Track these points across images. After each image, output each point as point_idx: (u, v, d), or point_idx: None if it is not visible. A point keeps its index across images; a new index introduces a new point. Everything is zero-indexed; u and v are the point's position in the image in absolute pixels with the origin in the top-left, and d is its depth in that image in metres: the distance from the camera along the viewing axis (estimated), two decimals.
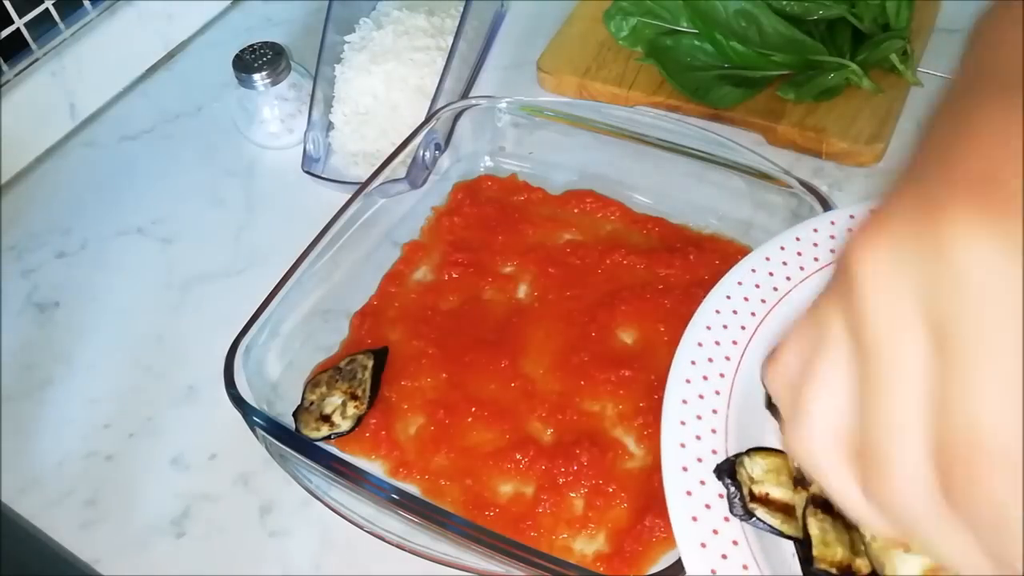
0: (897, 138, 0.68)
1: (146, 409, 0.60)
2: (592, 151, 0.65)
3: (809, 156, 0.68)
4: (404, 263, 0.63)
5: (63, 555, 0.53)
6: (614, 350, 0.56)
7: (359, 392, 0.55)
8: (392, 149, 0.63)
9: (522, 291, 0.60)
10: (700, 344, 0.48)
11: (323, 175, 0.70)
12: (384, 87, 0.71)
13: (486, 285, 0.61)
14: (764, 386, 0.47)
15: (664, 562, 0.47)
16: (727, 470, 0.44)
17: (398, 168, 0.63)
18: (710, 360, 0.48)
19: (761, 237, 0.60)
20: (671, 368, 0.47)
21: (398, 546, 0.50)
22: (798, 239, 0.53)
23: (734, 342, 0.49)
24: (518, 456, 0.52)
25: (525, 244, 0.62)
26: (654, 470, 0.51)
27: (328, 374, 0.56)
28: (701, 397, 0.46)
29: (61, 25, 0.76)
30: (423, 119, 0.66)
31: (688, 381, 0.47)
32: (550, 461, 0.51)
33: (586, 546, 0.49)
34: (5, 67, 0.73)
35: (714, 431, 0.45)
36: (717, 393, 0.47)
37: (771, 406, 0.46)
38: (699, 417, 0.46)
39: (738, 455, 0.44)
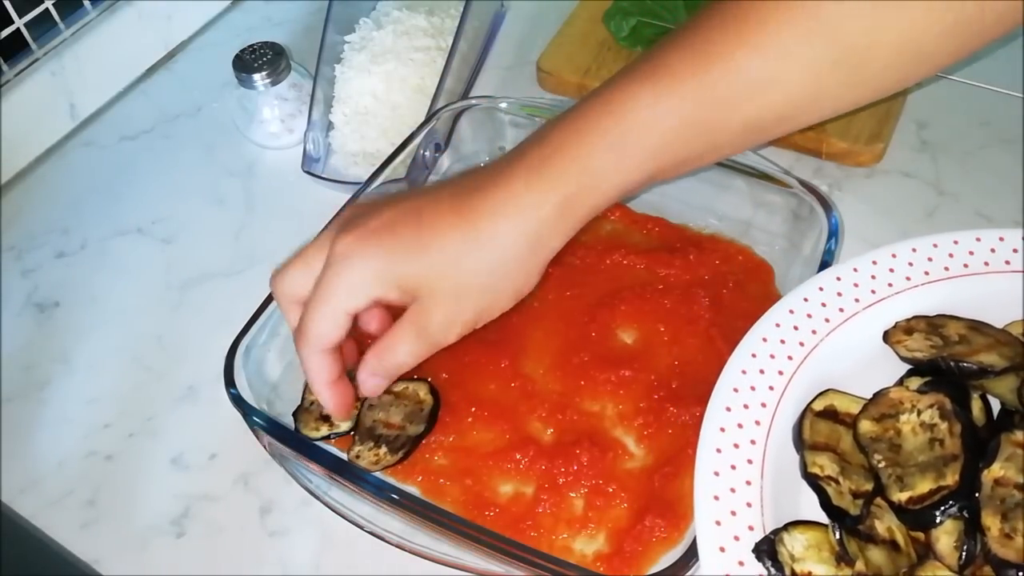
0: (897, 138, 0.68)
1: (146, 409, 0.60)
2: None
3: (809, 156, 0.68)
4: None
5: (63, 555, 0.53)
6: (614, 350, 0.56)
7: (360, 393, 0.55)
8: (392, 149, 0.63)
9: None
10: (728, 409, 0.46)
11: (323, 175, 0.70)
12: (384, 87, 0.71)
13: None
14: (796, 451, 0.46)
15: (664, 562, 0.47)
16: (767, 550, 0.42)
17: (398, 168, 0.63)
18: (739, 426, 0.46)
19: (761, 237, 0.61)
20: (700, 438, 0.45)
21: (398, 546, 0.50)
22: (821, 289, 0.51)
23: (763, 404, 0.47)
24: (518, 456, 0.52)
25: None
26: (654, 470, 0.51)
27: None
28: (733, 468, 0.44)
29: (61, 25, 0.76)
30: (423, 119, 0.66)
31: (719, 451, 0.45)
32: (550, 461, 0.51)
33: (586, 546, 0.49)
34: (5, 67, 0.73)
35: (749, 504, 0.43)
36: (749, 462, 0.45)
37: (807, 475, 0.45)
38: (733, 490, 0.44)
39: (776, 531, 0.42)
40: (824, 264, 0.53)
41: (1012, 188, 0.64)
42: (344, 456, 0.52)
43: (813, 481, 0.44)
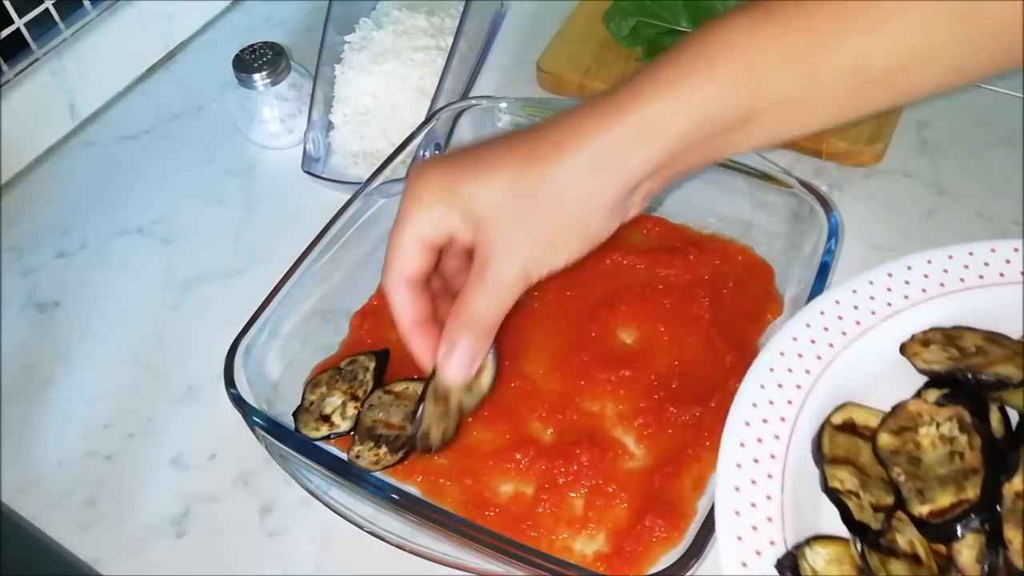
0: (897, 138, 0.68)
1: (146, 409, 0.60)
2: None
3: (809, 156, 0.68)
4: None
5: (63, 555, 0.53)
6: (614, 350, 0.56)
7: (359, 393, 0.55)
8: (392, 149, 0.63)
9: None
10: (748, 423, 0.46)
11: (323, 175, 0.70)
12: (384, 87, 0.71)
13: None
14: (816, 465, 0.46)
15: (664, 562, 0.47)
16: (789, 565, 0.41)
17: (398, 168, 0.63)
18: (759, 440, 0.45)
19: (761, 237, 0.61)
20: (720, 453, 0.45)
21: (398, 546, 0.50)
22: (837, 302, 0.50)
23: (782, 418, 0.46)
24: (518, 456, 0.52)
25: None
26: (654, 470, 0.51)
27: (328, 374, 0.56)
28: (754, 482, 0.44)
29: (61, 25, 0.76)
30: (423, 119, 0.66)
31: (739, 465, 0.44)
32: (550, 461, 0.51)
33: (586, 546, 0.49)
34: (5, 67, 0.73)
35: (770, 519, 0.43)
36: (770, 477, 0.44)
37: (828, 489, 0.44)
38: (754, 505, 0.43)
39: (798, 546, 0.42)
40: (824, 264, 0.53)
41: (1012, 188, 0.64)
42: (344, 456, 0.52)
43: (834, 495, 0.44)
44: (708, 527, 0.44)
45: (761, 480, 0.44)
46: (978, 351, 0.48)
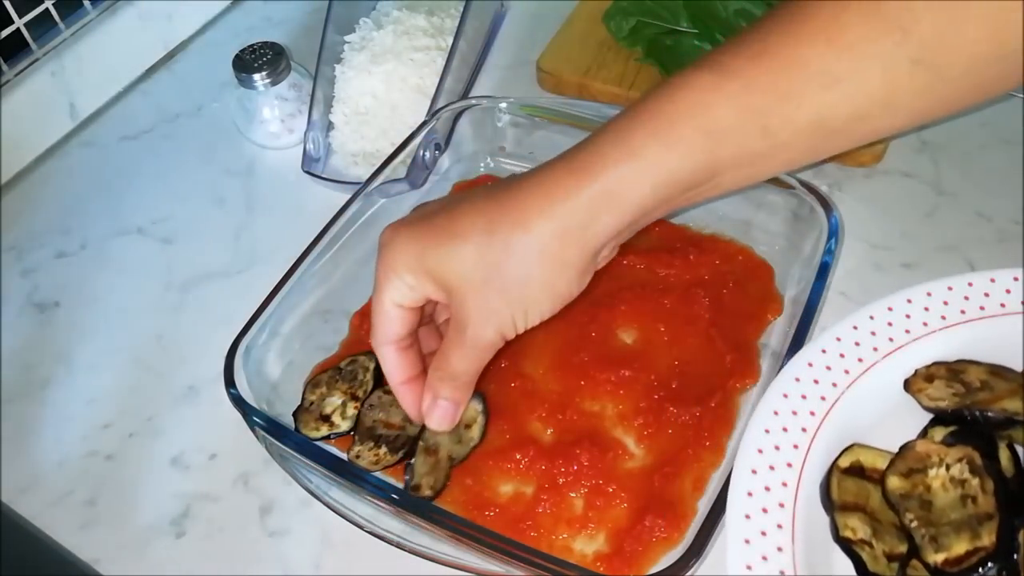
0: (897, 138, 0.68)
1: (146, 409, 0.60)
2: None
3: None
4: None
5: (63, 555, 0.53)
6: (614, 350, 0.56)
7: (359, 393, 0.55)
8: (392, 149, 0.63)
9: None
10: (754, 471, 0.45)
11: (323, 175, 0.70)
12: (384, 87, 0.71)
13: None
14: (826, 512, 0.45)
15: (664, 562, 0.47)
16: None
17: (398, 168, 0.63)
18: (767, 489, 0.44)
19: (761, 237, 0.61)
20: (728, 505, 0.44)
21: (398, 546, 0.50)
22: (839, 339, 0.50)
23: (789, 464, 0.45)
24: (518, 456, 0.52)
25: None
26: (654, 470, 0.51)
27: (328, 374, 0.56)
28: (764, 534, 0.43)
29: (61, 25, 0.76)
30: (423, 119, 0.66)
31: (748, 517, 0.44)
32: (550, 461, 0.51)
33: (586, 546, 0.49)
34: (5, 67, 0.73)
35: (783, 573, 0.42)
36: (780, 527, 0.43)
37: (840, 540, 0.44)
38: (765, 558, 0.42)
39: None
40: (824, 264, 0.53)
41: (1012, 188, 0.64)
42: (344, 456, 0.52)
43: (846, 546, 0.43)
44: (708, 527, 0.44)
45: (771, 531, 0.43)
46: (983, 386, 0.48)
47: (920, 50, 0.39)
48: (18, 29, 0.72)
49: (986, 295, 0.51)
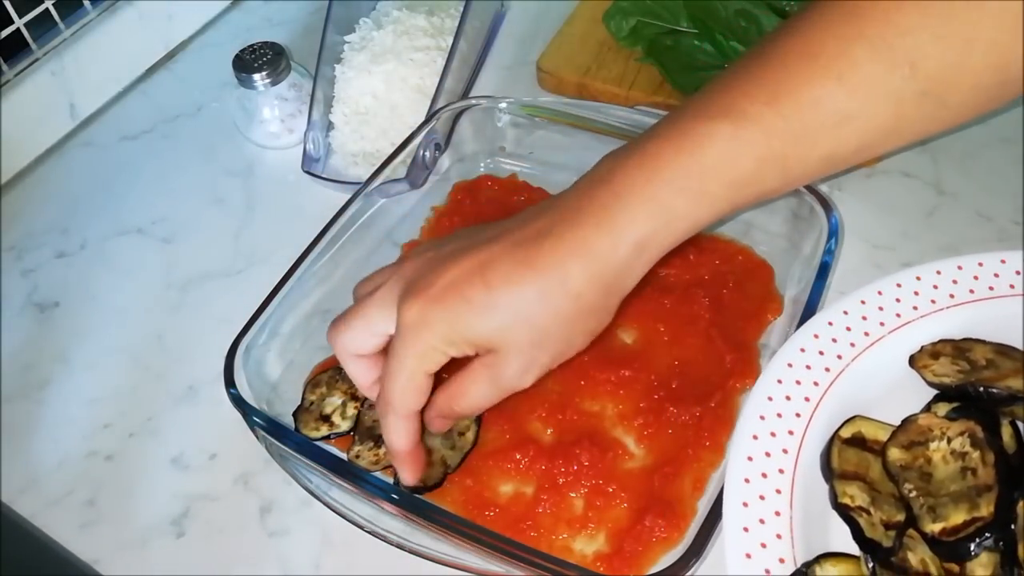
0: None
1: (146, 409, 0.60)
2: (592, 151, 0.64)
3: None
4: None
5: (63, 555, 0.53)
6: (614, 350, 0.56)
7: (359, 393, 0.55)
8: (392, 149, 0.63)
9: None
10: (755, 437, 0.45)
11: (323, 175, 0.70)
12: (384, 87, 0.71)
13: None
14: (825, 480, 0.45)
15: (664, 562, 0.47)
16: None
17: (398, 168, 0.63)
18: (767, 455, 0.45)
19: (761, 237, 0.61)
20: (728, 469, 0.44)
21: (398, 546, 0.50)
22: (846, 312, 0.50)
23: (790, 432, 0.46)
24: (518, 456, 0.52)
25: None
26: (654, 470, 0.51)
27: (328, 374, 0.56)
28: (762, 498, 0.43)
29: (61, 25, 0.76)
30: (423, 119, 0.66)
31: (747, 480, 0.44)
32: (550, 461, 0.51)
33: (586, 546, 0.49)
34: (5, 67, 0.73)
35: (779, 536, 0.42)
36: (778, 492, 0.44)
37: (838, 506, 0.44)
38: (762, 521, 0.43)
39: (808, 564, 0.42)
40: (824, 264, 0.53)
41: (1012, 188, 0.64)
42: (344, 456, 0.52)
43: (844, 512, 0.44)
44: (708, 527, 0.44)
45: (770, 496, 0.44)
46: (988, 364, 0.48)
47: (927, 83, 0.41)
48: (18, 29, 0.72)
49: (995, 275, 0.51)
